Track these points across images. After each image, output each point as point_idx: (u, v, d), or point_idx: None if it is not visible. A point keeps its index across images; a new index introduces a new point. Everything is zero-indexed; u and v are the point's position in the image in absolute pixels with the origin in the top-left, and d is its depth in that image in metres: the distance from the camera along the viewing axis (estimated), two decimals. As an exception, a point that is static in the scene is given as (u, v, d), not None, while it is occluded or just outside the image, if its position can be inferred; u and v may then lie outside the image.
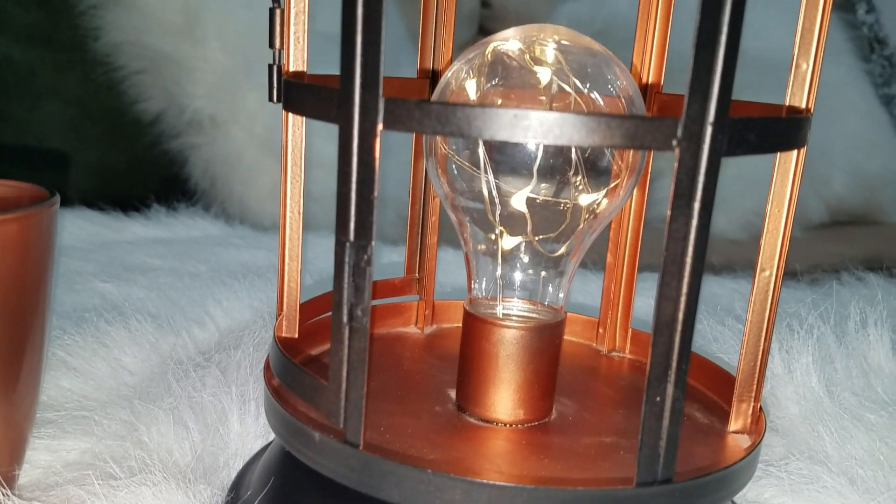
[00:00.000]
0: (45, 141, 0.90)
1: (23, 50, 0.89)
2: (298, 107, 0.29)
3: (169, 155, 0.94)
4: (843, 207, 1.36)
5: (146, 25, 0.89)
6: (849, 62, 1.44)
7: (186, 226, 0.75)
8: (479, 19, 1.52)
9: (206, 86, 0.91)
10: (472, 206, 0.34)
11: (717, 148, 0.24)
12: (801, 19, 0.31)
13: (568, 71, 0.32)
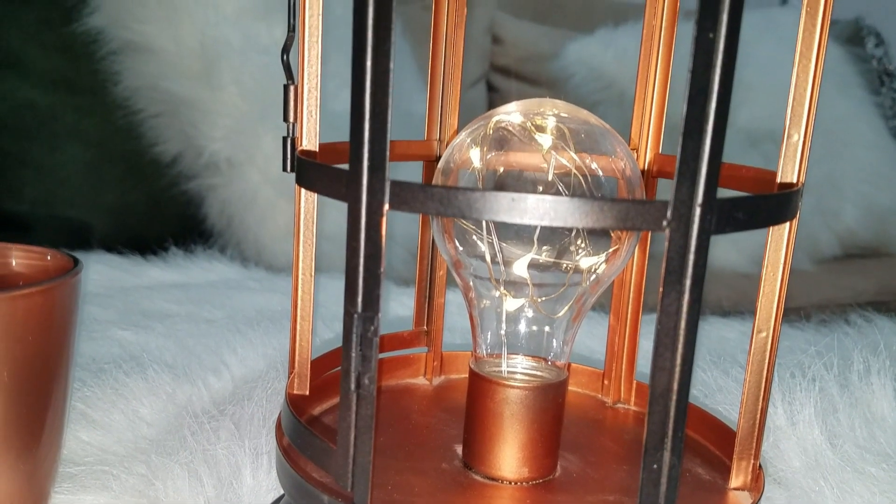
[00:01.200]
0: (66, 182, 0.92)
1: (45, 94, 0.92)
2: (310, 183, 0.31)
3: (186, 195, 0.96)
4: (854, 240, 1.36)
5: (165, 71, 0.92)
6: (859, 95, 1.45)
7: (203, 269, 0.77)
8: (490, 56, 1.55)
9: (223, 129, 0.93)
10: (476, 269, 0.35)
11: (706, 227, 0.26)
12: (792, 91, 0.32)
13: (567, 143, 0.34)
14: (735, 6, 0.24)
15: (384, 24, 0.25)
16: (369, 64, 0.26)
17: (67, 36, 0.92)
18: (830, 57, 1.45)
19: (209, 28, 0.91)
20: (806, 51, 0.31)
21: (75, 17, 0.92)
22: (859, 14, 1.55)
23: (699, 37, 0.24)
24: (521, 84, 1.54)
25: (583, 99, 1.36)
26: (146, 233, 0.98)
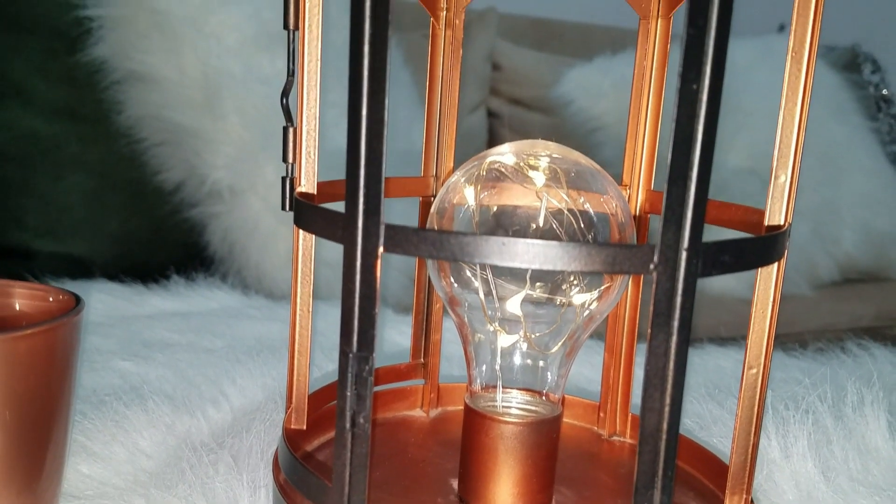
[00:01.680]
0: (69, 210, 0.93)
1: (48, 123, 0.93)
2: (307, 225, 0.31)
3: (189, 223, 0.97)
4: (853, 265, 1.37)
5: (168, 100, 0.93)
6: (856, 121, 1.46)
7: (204, 297, 0.77)
8: (490, 82, 1.56)
9: (226, 157, 0.94)
10: (471, 306, 0.35)
11: (693, 271, 0.26)
12: (779, 133, 0.33)
13: (560, 182, 0.34)
14: (718, 59, 0.25)
15: (379, 74, 0.26)
16: (365, 113, 0.26)
17: (72, 66, 0.93)
18: (827, 83, 1.47)
19: (212, 59, 0.92)
20: (791, 94, 0.32)
21: (79, 48, 0.93)
22: (856, 41, 1.57)
23: (683, 88, 0.25)
24: (520, 109, 1.56)
25: (581, 125, 1.38)
26: (149, 260, 0.99)
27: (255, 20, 0.95)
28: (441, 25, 0.41)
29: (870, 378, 0.52)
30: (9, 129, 0.91)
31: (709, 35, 0.24)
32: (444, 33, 0.41)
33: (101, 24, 0.92)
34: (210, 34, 0.92)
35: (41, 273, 0.79)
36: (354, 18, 0.26)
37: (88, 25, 0.92)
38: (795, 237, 1.28)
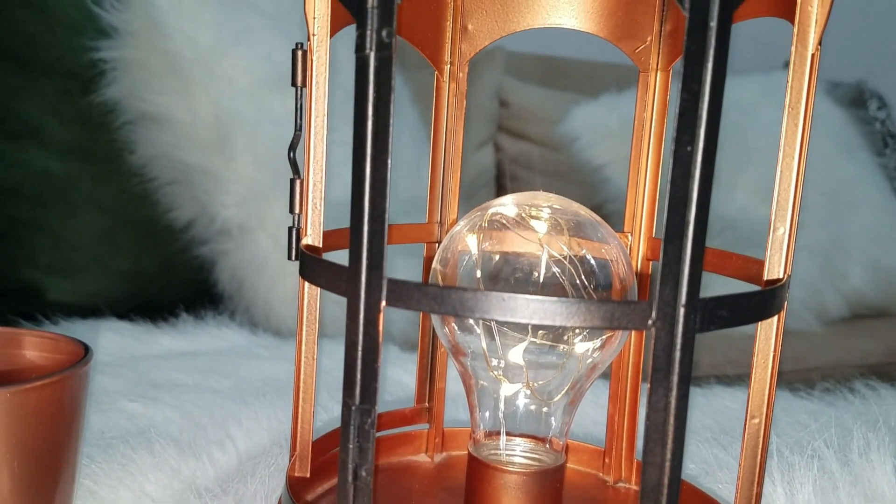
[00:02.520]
0: (80, 248, 0.94)
1: (62, 163, 0.95)
2: (312, 277, 0.32)
3: (199, 260, 0.98)
4: (862, 301, 1.36)
5: (179, 141, 0.94)
6: (863, 157, 1.46)
7: (212, 335, 0.78)
8: (498, 118, 1.58)
9: (236, 196, 0.95)
10: (474, 354, 0.36)
11: (691, 326, 0.27)
12: (777, 187, 0.33)
13: (560, 233, 0.35)
14: (711, 122, 0.25)
15: (382, 135, 0.27)
16: (368, 172, 0.27)
17: (85, 107, 0.95)
18: (834, 119, 1.47)
19: (224, 100, 0.94)
20: (789, 148, 0.33)
21: (93, 89, 0.95)
22: (861, 77, 1.58)
23: (678, 150, 0.25)
24: (528, 145, 1.57)
25: (588, 161, 1.38)
26: (159, 297, 1.00)
27: (267, 62, 0.97)
28: (445, 78, 0.42)
29: (876, 422, 0.51)
30: (23, 168, 0.93)
31: (702, 100, 0.25)
32: (447, 86, 0.42)
33: (114, 65, 0.94)
34: (222, 76, 0.94)
35: (52, 312, 0.80)
36: (359, 82, 0.27)
37: (102, 67, 0.94)
38: (804, 273, 1.28)
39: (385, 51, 0.26)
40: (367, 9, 0.26)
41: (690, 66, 0.25)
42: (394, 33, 0.26)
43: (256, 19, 0.99)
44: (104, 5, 0.94)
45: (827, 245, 1.33)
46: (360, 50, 0.27)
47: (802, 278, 1.28)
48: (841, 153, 1.43)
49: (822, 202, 1.35)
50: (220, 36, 0.96)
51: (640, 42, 0.41)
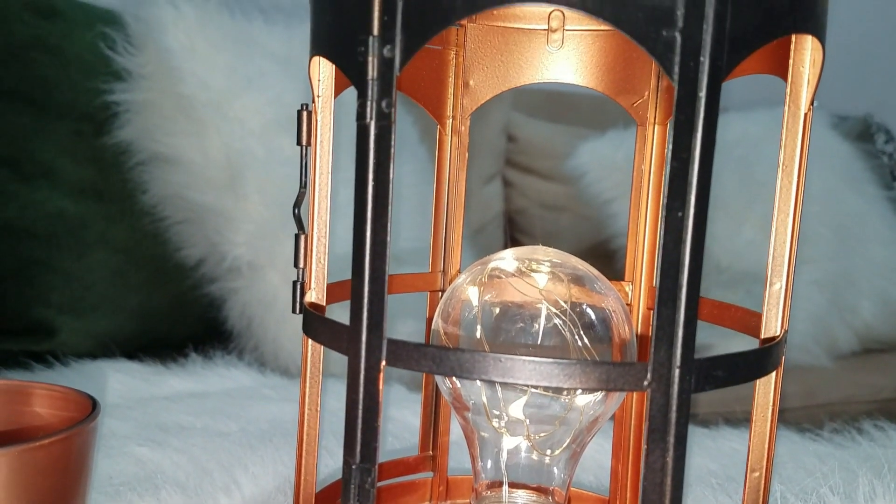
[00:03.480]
0: (92, 287, 0.95)
1: (75, 203, 0.96)
2: (315, 335, 0.33)
3: (208, 297, 0.99)
4: (872, 336, 1.36)
5: (191, 181, 0.96)
6: (870, 191, 1.46)
7: (221, 376, 0.78)
8: (506, 153, 1.59)
9: (246, 234, 0.96)
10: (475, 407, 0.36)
11: (686, 387, 0.27)
12: (773, 242, 0.34)
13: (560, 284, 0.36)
14: (702, 188, 0.26)
15: (382, 200, 0.28)
16: (369, 235, 0.28)
17: (98, 148, 0.97)
18: (841, 153, 1.48)
19: (235, 141, 0.95)
20: (784, 206, 0.33)
21: (106, 131, 0.96)
22: (868, 111, 1.58)
23: (668, 216, 0.26)
24: (536, 179, 1.58)
25: (596, 196, 1.39)
26: (169, 335, 1.01)
27: (277, 104, 0.99)
28: (447, 131, 0.43)
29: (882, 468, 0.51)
30: (37, 209, 0.94)
31: (692, 167, 0.26)
32: (450, 139, 0.43)
33: (127, 108, 0.96)
34: (233, 118, 0.96)
35: (63, 354, 0.80)
36: (359, 149, 0.28)
37: (115, 109, 0.96)
38: (813, 307, 1.27)
39: (384, 120, 0.27)
40: (368, 80, 0.27)
41: (680, 135, 0.25)
42: (393, 104, 0.27)
43: (267, 62, 1.01)
44: (118, 49, 0.96)
45: (836, 279, 1.32)
46: (361, 119, 0.28)
47: (812, 312, 1.27)
48: (848, 187, 1.43)
49: (830, 236, 1.35)
50: (232, 79, 0.97)
51: (638, 97, 0.41)
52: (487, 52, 0.42)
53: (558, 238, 1.54)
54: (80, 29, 0.98)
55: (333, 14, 0.29)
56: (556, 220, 1.56)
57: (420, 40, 0.26)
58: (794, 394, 1.20)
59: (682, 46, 0.25)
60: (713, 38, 0.25)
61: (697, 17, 0.25)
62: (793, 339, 1.30)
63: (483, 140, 1.51)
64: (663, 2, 0.24)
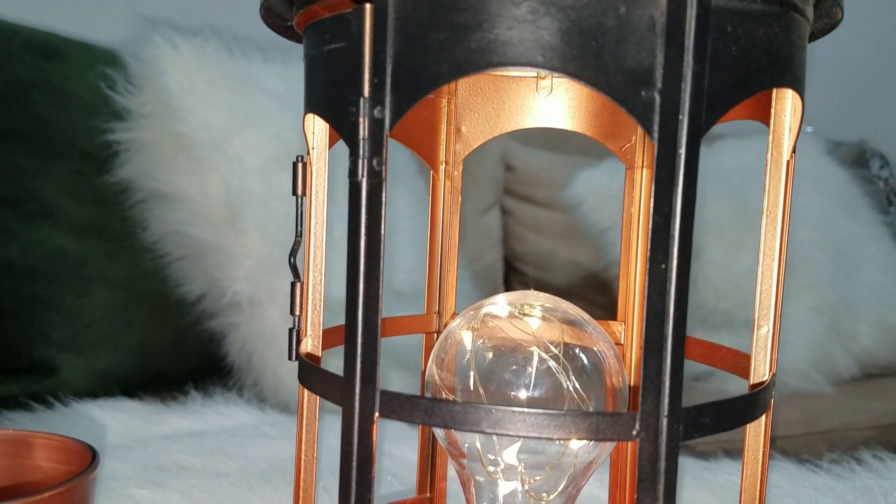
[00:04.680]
0: (93, 325, 0.96)
1: (76, 241, 0.97)
2: (310, 385, 0.33)
3: (209, 332, 0.99)
4: (872, 361, 1.36)
5: (191, 218, 0.97)
6: (867, 216, 1.47)
7: (221, 414, 0.79)
8: (505, 182, 1.61)
9: (246, 270, 0.97)
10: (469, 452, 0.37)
11: (675, 436, 0.27)
12: (759, 286, 0.34)
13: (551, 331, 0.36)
14: (684, 241, 0.27)
15: (374, 255, 0.28)
16: (361, 288, 0.29)
17: (99, 186, 0.98)
18: (837, 179, 1.49)
19: (234, 179, 0.96)
20: (769, 250, 0.34)
21: (107, 169, 0.98)
22: (863, 137, 1.59)
23: (652, 268, 0.27)
24: (533, 208, 1.59)
25: (593, 225, 1.40)
26: (169, 370, 1.01)
27: (276, 140, 1.00)
28: (440, 176, 0.44)
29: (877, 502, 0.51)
30: (38, 248, 0.95)
31: (674, 221, 0.26)
32: (443, 183, 0.44)
33: (127, 146, 0.97)
34: (233, 156, 0.97)
35: (64, 395, 0.81)
36: (352, 205, 0.28)
37: (116, 148, 0.97)
38: (812, 334, 1.28)
39: (376, 178, 0.28)
40: (359, 140, 0.28)
41: (661, 190, 0.26)
42: (384, 162, 0.28)
43: (266, 100, 1.02)
44: (118, 89, 0.98)
45: (835, 305, 1.33)
46: (353, 176, 0.28)
47: (811, 339, 1.28)
48: (845, 213, 1.44)
49: (828, 262, 1.35)
50: (231, 117, 0.99)
51: (626, 141, 0.42)
52: (479, 99, 0.43)
53: (557, 266, 1.55)
54: (81, 69, 0.99)
55: (326, 75, 0.30)
56: (554, 247, 1.56)
57: (409, 102, 0.27)
58: (795, 421, 1.20)
59: (662, 106, 0.25)
60: (692, 97, 0.26)
61: (676, 78, 0.25)
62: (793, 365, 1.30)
63: (481, 169, 1.53)
64: (642, 63, 0.25)
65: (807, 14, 0.29)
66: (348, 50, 0.28)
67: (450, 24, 0.26)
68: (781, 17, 0.28)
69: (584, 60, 0.25)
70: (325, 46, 0.29)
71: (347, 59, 0.28)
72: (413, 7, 0.26)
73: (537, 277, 1.59)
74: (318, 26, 0.30)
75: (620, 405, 0.37)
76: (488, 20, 0.25)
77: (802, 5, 0.29)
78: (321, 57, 0.30)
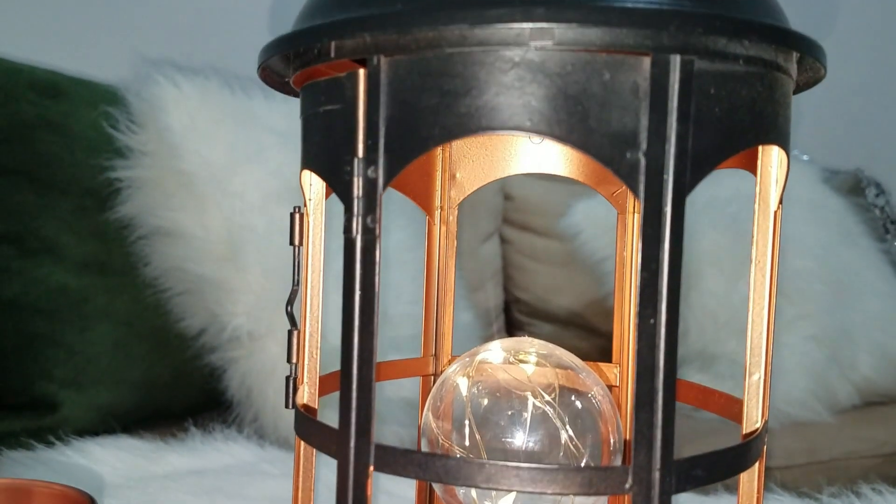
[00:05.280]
0: (94, 361, 0.96)
1: (78, 277, 0.97)
2: (306, 437, 0.33)
3: (209, 367, 1.00)
4: (873, 389, 1.36)
5: (191, 254, 0.97)
6: (864, 244, 1.47)
7: (220, 451, 0.79)
8: (504, 211, 1.62)
9: (245, 305, 0.97)
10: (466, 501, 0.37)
11: (667, 489, 0.28)
12: (750, 334, 0.35)
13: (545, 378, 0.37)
14: (672, 298, 0.27)
15: (368, 310, 0.29)
16: (356, 343, 0.29)
17: (101, 223, 0.99)
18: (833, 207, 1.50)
19: (235, 215, 0.97)
20: (758, 298, 0.34)
21: (109, 206, 0.98)
22: (859, 165, 1.61)
23: (641, 323, 0.27)
24: (532, 236, 1.60)
25: (591, 254, 1.41)
26: (170, 404, 1.01)
27: (277, 176, 1.01)
28: (436, 221, 0.45)
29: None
30: (40, 285, 0.96)
31: (661, 277, 0.27)
32: (438, 229, 0.45)
33: (129, 184, 0.98)
34: (233, 192, 0.98)
35: (65, 433, 0.81)
36: (346, 260, 0.29)
37: (118, 185, 0.98)
38: (812, 364, 1.28)
39: (370, 234, 0.29)
40: (354, 198, 0.29)
41: (648, 247, 0.27)
42: (378, 220, 0.29)
43: (267, 136, 1.03)
44: (120, 127, 0.99)
45: (834, 334, 1.33)
46: (347, 232, 0.29)
47: (811, 368, 1.28)
48: (842, 241, 1.45)
49: (826, 291, 1.35)
50: (233, 154, 1.00)
51: (617, 186, 0.43)
52: (473, 147, 0.44)
53: (556, 294, 1.56)
54: (84, 107, 1.01)
55: (322, 134, 0.31)
56: (553, 276, 1.57)
57: (402, 163, 0.28)
58: (795, 451, 1.19)
59: (647, 167, 0.26)
60: (676, 158, 0.26)
61: (660, 139, 0.26)
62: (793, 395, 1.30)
63: (480, 199, 1.54)
64: (626, 126, 0.26)
65: (790, 72, 0.30)
66: (343, 112, 0.29)
67: (440, 89, 0.27)
68: (764, 77, 0.28)
69: (570, 125, 0.26)
70: (320, 107, 0.30)
71: (342, 121, 0.29)
72: (405, 73, 0.27)
73: (537, 306, 1.60)
74: (314, 88, 0.31)
75: (615, 451, 0.37)
76: (477, 87, 0.26)
77: (785, 64, 0.29)
78: (317, 117, 0.31)
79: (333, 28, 0.27)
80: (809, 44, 0.28)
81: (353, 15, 0.27)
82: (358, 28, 0.27)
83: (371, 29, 0.26)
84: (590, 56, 0.26)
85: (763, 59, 0.28)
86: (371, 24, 0.26)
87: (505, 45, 0.26)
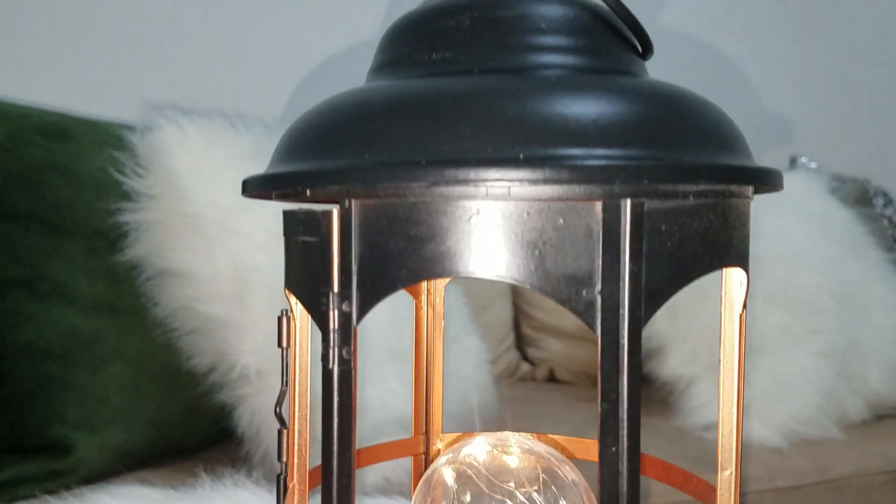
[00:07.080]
0: (107, 401, 0.98)
1: (89, 319, 1.00)
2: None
3: (219, 404, 1.02)
4: (883, 403, 1.35)
5: (199, 294, 0.99)
6: (872, 256, 1.47)
7: (230, 499, 0.81)
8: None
9: (253, 343, 0.99)
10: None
11: None
12: (721, 431, 0.36)
13: (530, 472, 0.38)
14: (632, 424, 0.28)
15: (346, 436, 0.30)
16: (335, 468, 0.31)
17: (111, 265, 1.01)
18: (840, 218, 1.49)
19: (241, 256, 0.99)
20: (727, 397, 0.35)
21: (118, 248, 1.01)
22: (866, 176, 1.60)
23: (603, 451, 0.28)
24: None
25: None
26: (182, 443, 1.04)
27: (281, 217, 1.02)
28: (422, 304, 0.46)
29: None
30: (52, 327, 0.98)
31: (621, 407, 0.28)
32: (426, 311, 0.46)
33: (137, 226, 1.00)
34: (239, 233, 1.00)
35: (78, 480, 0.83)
36: (325, 389, 0.31)
37: (126, 228, 1.00)
38: (821, 380, 1.27)
39: (346, 366, 0.30)
40: (330, 330, 0.30)
41: (607, 379, 0.28)
42: (353, 351, 0.30)
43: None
44: (126, 172, 1.01)
45: (843, 349, 1.33)
46: (325, 362, 0.30)
47: (820, 385, 1.27)
48: (850, 253, 1.44)
49: (835, 305, 1.35)
50: (238, 195, 1.01)
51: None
52: (456, 232, 0.45)
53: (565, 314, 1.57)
54: (91, 150, 1.03)
55: (301, 262, 0.32)
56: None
57: (374, 300, 0.29)
58: (805, 470, 1.19)
59: (602, 304, 0.27)
60: (630, 294, 0.28)
61: (614, 278, 0.27)
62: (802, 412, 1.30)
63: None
64: (582, 267, 0.27)
65: (746, 194, 0.31)
66: (319, 246, 0.30)
67: (406, 234, 0.28)
68: (717, 206, 0.30)
69: (528, 268, 0.27)
70: (299, 237, 0.32)
71: (318, 254, 0.30)
72: (374, 217, 0.28)
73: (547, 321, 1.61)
74: (294, 216, 0.32)
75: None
76: (440, 233, 0.28)
77: (740, 189, 0.30)
78: (297, 245, 0.32)
79: (306, 177, 0.29)
80: (761, 174, 0.29)
81: (324, 164, 0.28)
82: (328, 179, 0.28)
83: (339, 181, 0.28)
84: (545, 204, 0.27)
85: (715, 191, 0.29)
86: (339, 177, 0.28)
87: (465, 198, 0.27)
